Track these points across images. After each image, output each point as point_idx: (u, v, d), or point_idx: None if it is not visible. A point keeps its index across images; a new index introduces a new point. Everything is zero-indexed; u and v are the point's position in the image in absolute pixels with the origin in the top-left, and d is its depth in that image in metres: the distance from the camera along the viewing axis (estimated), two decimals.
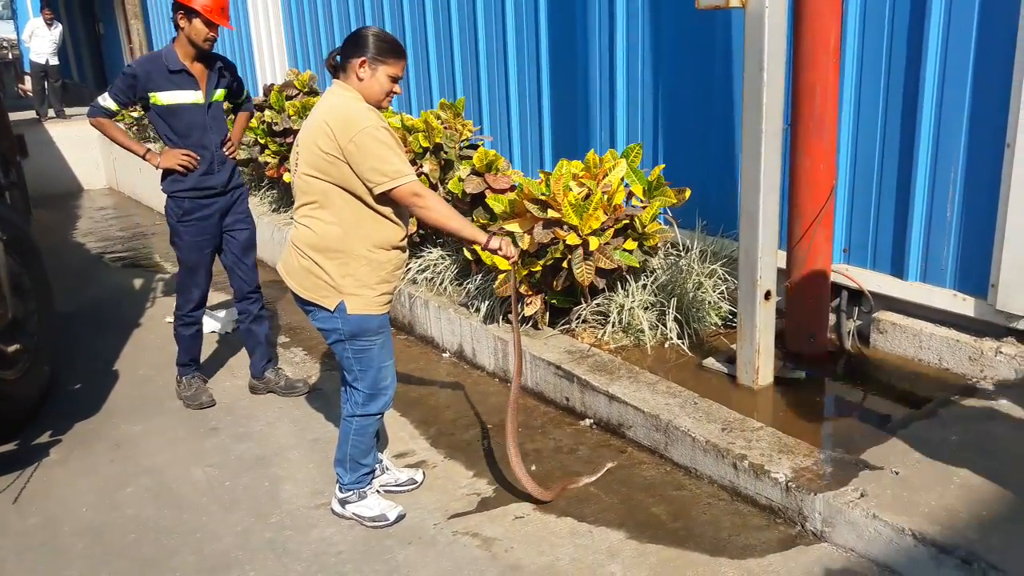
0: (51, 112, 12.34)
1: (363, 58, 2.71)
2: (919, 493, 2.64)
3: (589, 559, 2.74)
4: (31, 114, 12.50)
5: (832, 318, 3.82)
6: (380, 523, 3.00)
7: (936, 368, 3.54)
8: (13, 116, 10.72)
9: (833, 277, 3.73)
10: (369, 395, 2.93)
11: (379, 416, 3.02)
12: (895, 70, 3.54)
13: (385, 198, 2.70)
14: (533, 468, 3.32)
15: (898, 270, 3.67)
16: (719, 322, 4.07)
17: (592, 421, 3.63)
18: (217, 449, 3.71)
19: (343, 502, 3.06)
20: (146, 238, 8.21)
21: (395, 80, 2.78)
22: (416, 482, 3.27)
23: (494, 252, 2.92)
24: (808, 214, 3.54)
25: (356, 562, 2.83)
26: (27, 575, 2.85)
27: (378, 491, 3.13)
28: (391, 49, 2.76)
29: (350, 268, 2.75)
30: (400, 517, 3.03)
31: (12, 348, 3.86)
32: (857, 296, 3.81)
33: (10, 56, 11.75)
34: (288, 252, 2.86)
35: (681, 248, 4.37)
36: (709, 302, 4.08)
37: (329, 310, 2.79)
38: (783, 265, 3.70)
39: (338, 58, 2.80)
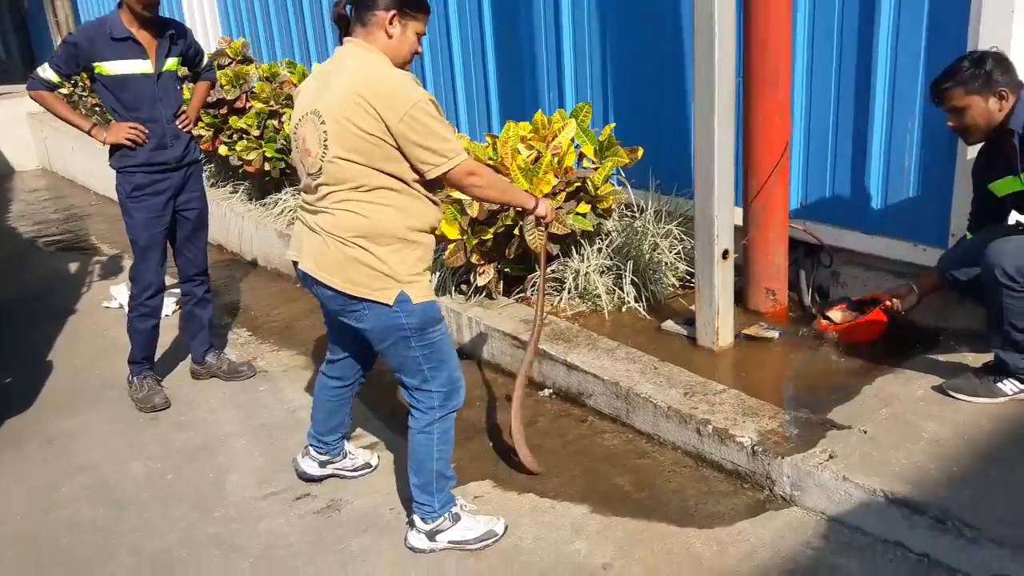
0: None
1: (393, 11, 2.32)
2: (888, 452, 2.57)
3: (553, 537, 2.63)
4: None
5: (792, 274, 3.74)
6: (489, 540, 2.60)
7: (902, 321, 3.45)
8: None
9: (791, 232, 3.63)
10: (446, 393, 2.54)
11: (456, 412, 2.63)
12: (848, 16, 3.42)
13: (433, 180, 2.38)
14: (490, 444, 3.20)
15: (857, 223, 3.58)
16: (677, 283, 3.96)
17: (551, 391, 3.51)
18: (157, 440, 3.51)
19: (433, 533, 2.58)
20: (81, 220, 7.84)
21: (420, 38, 2.45)
22: (371, 466, 3.10)
23: (541, 219, 2.73)
24: (764, 169, 3.43)
25: (308, 554, 2.68)
26: None
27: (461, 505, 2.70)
28: (420, 1, 2.39)
29: (403, 254, 2.38)
30: (506, 528, 2.65)
31: None
32: (816, 251, 3.73)
33: None
34: (320, 243, 2.39)
35: (636, 209, 4.25)
36: (666, 263, 3.97)
37: (388, 304, 2.37)
38: (740, 223, 3.59)
39: (349, 9, 2.39)
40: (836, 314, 3.35)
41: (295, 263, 2.53)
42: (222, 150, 5.86)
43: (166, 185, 3.69)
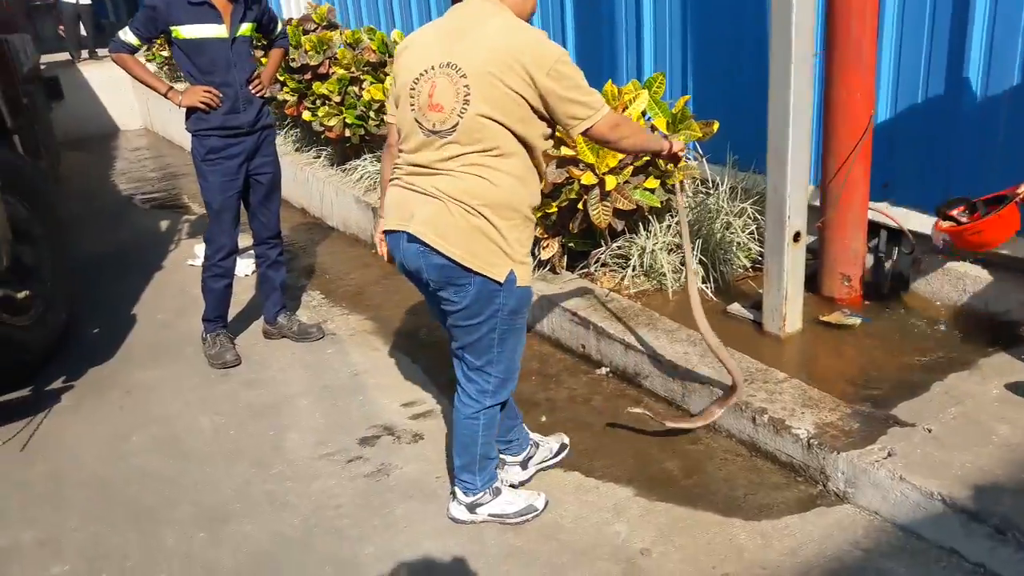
0: (85, 54, 12.29)
1: None
2: (952, 453, 2.44)
3: (594, 517, 2.61)
4: (67, 56, 12.48)
5: (870, 260, 3.56)
6: (529, 515, 2.61)
7: (982, 315, 3.27)
8: (48, 58, 10.71)
9: (871, 216, 3.46)
10: (502, 380, 2.48)
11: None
12: None
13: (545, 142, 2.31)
14: (543, 419, 3.19)
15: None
16: (748, 265, 3.84)
17: (608, 370, 3.46)
18: (227, 396, 3.64)
19: (473, 506, 2.60)
20: (176, 179, 8.16)
21: None
22: (567, 445, 2.91)
23: (674, 157, 2.65)
24: (843, 148, 3.26)
25: (354, 516, 2.74)
26: (27, 525, 2.83)
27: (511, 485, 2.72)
28: None
29: (519, 232, 2.30)
30: (546, 503, 2.65)
31: (22, 295, 3.81)
32: (897, 236, 3.54)
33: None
34: (441, 209, 2.24)
35: (710, 185, 4.13)
36: (738, 243, 3.85)
37: (498, 282, 2.27)
38: (816, 203, 3.45)
39: None
40: (959, 217, 2.96)
41: (388, 232, 2.38)
42: (305, 115, 5.97)
43: (239, 149, 3.78)
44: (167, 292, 4.99)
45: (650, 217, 3.84)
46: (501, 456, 2.74)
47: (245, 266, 5.12)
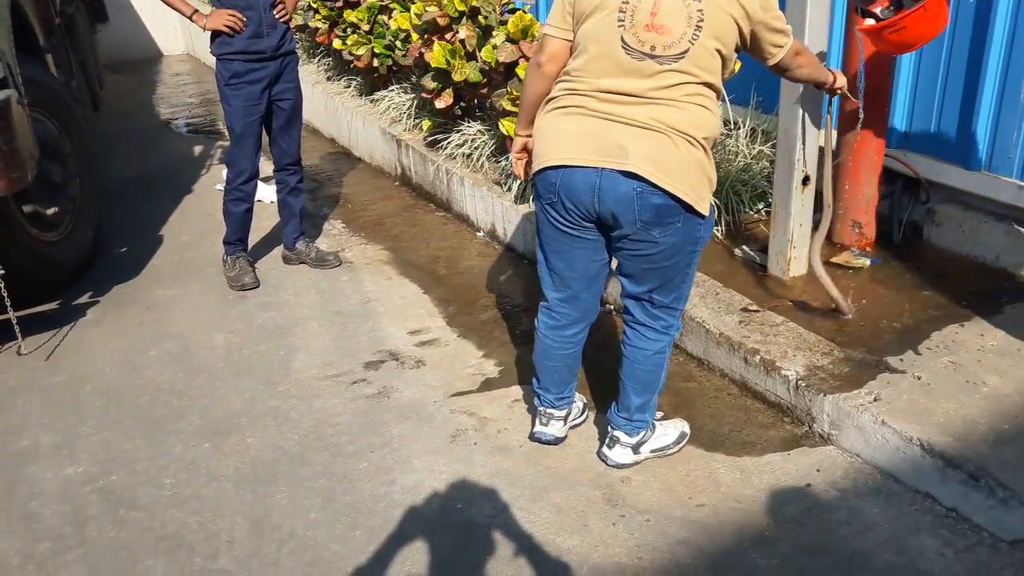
0: None
1: None
2: (938, 401, 2.45)
3: (580, 445, 2.68)
4: None
5: (885, 208, 3.51)
6: (684, 441, 2.59)
7: (992, 267, 3.23)
8: None
9: (888, 163, 3.40)
10: (682, 311, 2.44)
11: None
12: None
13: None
14: None
15: (961, 157, 3.30)
16: (762, 208, 3.80)
17: (612, 307, 3.49)
18: (242, 316, 3.76)
19: (638, 446, 2.52)
20: (214, 105, 8.22)
21: None
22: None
23: (835, 91, 2.63)
24: (861, 90, 3.19)
25: (352, 434, 2.84)
26: (46, 429, 2.99)
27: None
28: None
29: (713, 162, 2.24)
30: (688, 427, 2.65)
31: (51, 211, 3.94)
32: (914, 185, 3.48)
33: None
34: (663, 141, 2.07)
35: (731, 126, 4.07)
36: (754, 186, 3.81)
37: (702, 216, 2.17)
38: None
39: None
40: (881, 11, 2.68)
41: (566, 167, 2.15)
42: (336, 43, 5.97)
43: (263, 74, 3.82)
44: (193, 214, 5.10)
45: None
46: (548, 410, 2.64)
47: (270, 192, 5.20)
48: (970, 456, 2.22)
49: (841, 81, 2.59)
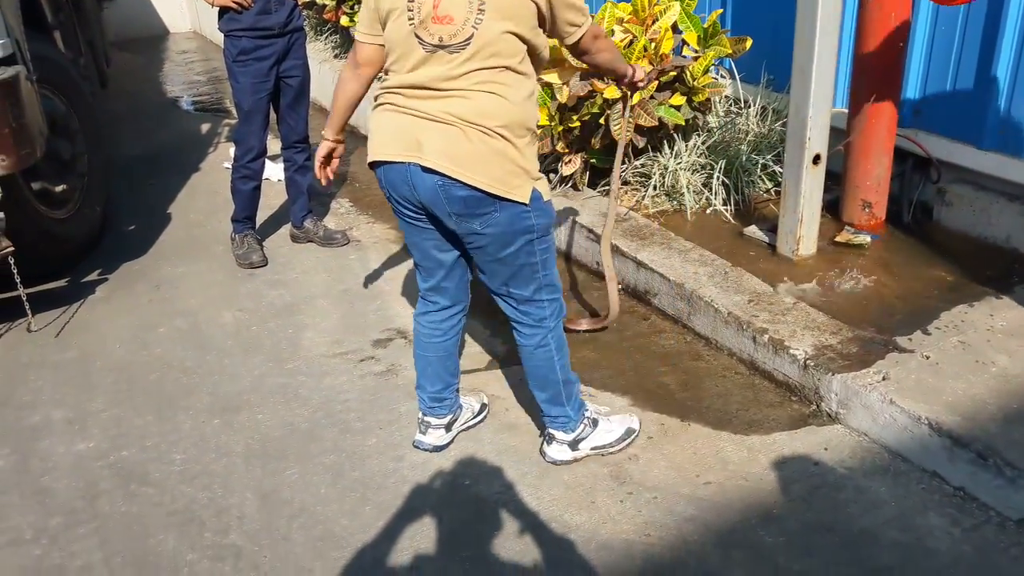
0: None
1: None
2: (946, 380, 2.44)
3: None
4: None
5: (896, 187, 3.49)
6: (630, 438, 2.54)
7: (1002, 247, 3.21)
8: None
9: (899, 142, 3.37)
10: (554, 299, 2.36)
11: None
12: None
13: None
14: None
15: (973, 137, 3.27)
16: (772, 187, 3.79)
17: (620, 287, 3.49)
18: (251, 294, 3.77)
19: (575, 442, 2.48)
20: (220, 83, 8.21)
21: None
22: (487, 404, 2.78)
23: (632, 86, 2.61)
24: (873, 69, 3.17)
25: (360, 411, 2.86)
26: (57, 404, 3.01)
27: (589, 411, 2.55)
28: None
29: (533, 148, 2.20)
30: (640, 423, 2.60)
31: (59, 188, 3.95)
32: (925, 164, 3.45)
33: None
34: (455, 135, 2.07)
35: (742, 104, 4.05)
36: (763, 166, 3.79)
37: (524, 204, 2.13)
38: (842, 125, 3.37)
39: None
40: None
41: (385, 163, 2.17)
42: (343, 20, 5.94)
43: (270, 51, 3.81)
44: (201, 192, 5.11)
45: (675, 135, 3.79)
46: (426, 418, 2.61)
47: (278, 170, 5.20)
48: (978, 435, 2.22)
49: (639, 75, 2.58)
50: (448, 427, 2.63)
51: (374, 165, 2.23)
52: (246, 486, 2.51)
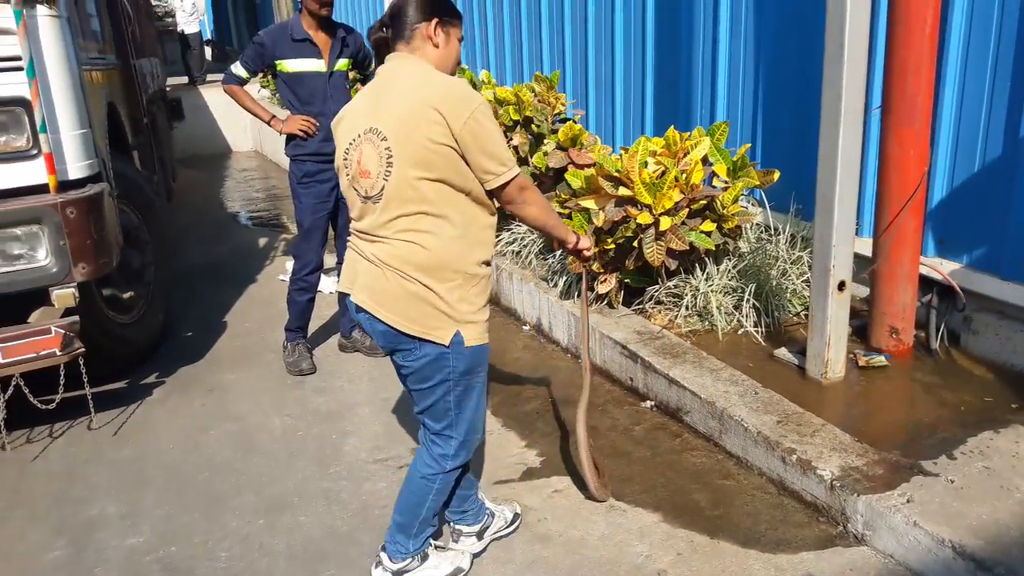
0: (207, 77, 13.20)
1: (436, 19, 2.26)
2: (970, 504, 2.49)
3: (618, 537, 2.76)
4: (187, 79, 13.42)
5: (923, 314, 3.60)
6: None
7: None
8: (172, 81, 11.54)
9: (924, 271, 3.51)
10: (462, 443, 2.42)
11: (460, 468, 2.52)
12: (1003, 55, 3.27)
13: (487, 195, 2.26)
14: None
15: (995, 267, 3.40)
16: (802, 311, 3.91)
17: (653, 403, 3.60)
18: (298, 401, 3.95)
19: (400, 573, 2.51)
20: (278, 200, 8.70)
21: (460, 41, 2.37)
22: (519, 515, 2.85)
23: (579, 254, 2.65)
24: (896, 201, 3.34)
25: None
26: (112, 499, 3.17)
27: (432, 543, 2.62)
28: (454, 7, 2.33)
29: (464, 291, 2.25)
30: (471, 563, 2.64)
31: (127, 295, 4.24)
32: (951, 293, 3.57)
33: (173, 26, 12.67)
34: (376, 275, 2.25)
35: (772, 232, 4.24)
36: (792, 290, 3.94)
37: (443, 345, 2.25)
38: (869, 252, 3.53)
39: (386, 30, 2.33)
40: None
41: (345, 294, 2.39)
42: None
43: (332, 174, 4.12)
44: (257, 303, 5.39)
45: (706, 259, 3.97)
46: (457, 527, 2.70)
47: (330, 283, 5.48)
48: (1001, 559, 2.25)
49: (583, 244, 2.60)
50: (480, 534, 2.71)
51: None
52: None
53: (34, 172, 3.34)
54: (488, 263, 2.34)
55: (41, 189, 3.40)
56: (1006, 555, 2.27)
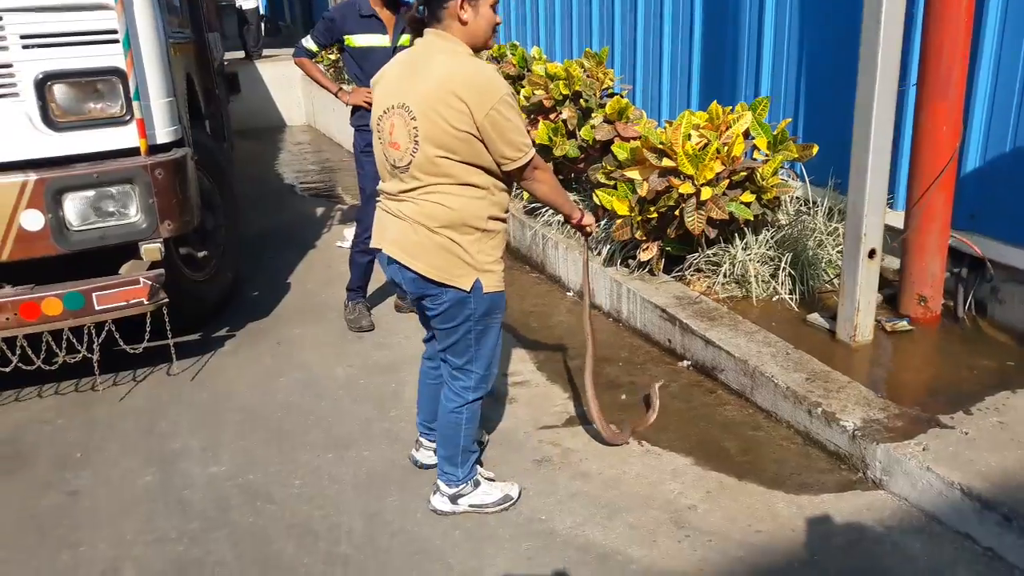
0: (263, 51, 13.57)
1: None
2: (981, 453, 2.69)
3: (653, 476, 3.01)
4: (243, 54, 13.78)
5: (952, 283, 3.77)
6: (507, 503, 2.86)
7: None
8: (229, 55, 11.92)
9: (954, 243, 3.67)
10: (483, 376, 2.73)
11: (484, 398, 2.83)
12: None
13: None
14: (623, 398, 3.61)
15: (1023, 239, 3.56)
16: (834, 278, 4.10)
17: (689, 363, 3.83)
18: (359, 354, 4.26)
19: (455, 498, 2.82)
20: (333, 172, 9.03)
21: (495, 6, 2.51)
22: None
23: (581, 228, 2.92)
24: (926, 175, 3.51)
25: None
26: (193, 435, 3.51)
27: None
28: None
29: (483, 244, 2.54)
30: (520, 493, 2.91)
31: (201, 254, 4.59)
32: (980, 265, 3.73)
33: (231, 1, 13.04)
34: (406, 229, 2.53)
35: (811, 204, 4.41)
36: (828, 260, 4.12)
37: (465, 291, 2.53)
38: (900, 223, 3.70)
39: (422, 9, 2.52)
40: None
41: (377, 249, 2.67)
42: None
43: None
44: (317, 266, 5.71)
45: (745, 229, 4.17)
46: (420, 438, 3.10)
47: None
48: (1005, 500, 2.46)
49: (588, 220, 2.88)
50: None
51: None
52: (354, 508, 2.92)
53: (127, 136, 3.67)
54: (504, 220, 2.63)
55: (130, 152, 3.73)
56: (1010, 497, 2.47)
